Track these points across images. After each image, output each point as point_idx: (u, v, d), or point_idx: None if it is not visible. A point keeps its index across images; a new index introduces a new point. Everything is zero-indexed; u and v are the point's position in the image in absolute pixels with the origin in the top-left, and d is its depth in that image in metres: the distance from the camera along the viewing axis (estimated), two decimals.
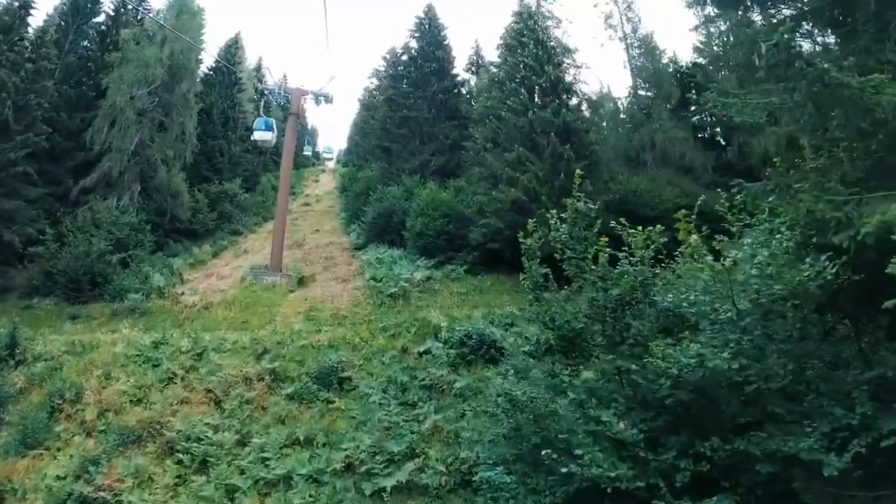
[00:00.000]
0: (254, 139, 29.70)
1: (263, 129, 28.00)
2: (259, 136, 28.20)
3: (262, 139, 28.46)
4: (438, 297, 22.69)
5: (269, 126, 28.34)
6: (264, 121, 28.63)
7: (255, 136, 28.66)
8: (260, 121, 28.66)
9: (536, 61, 25.87)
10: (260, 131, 28.02)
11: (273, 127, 28.70)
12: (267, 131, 28.03)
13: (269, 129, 28.23)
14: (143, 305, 23.36)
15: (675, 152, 32.32)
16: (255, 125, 28.66)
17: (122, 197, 30.45)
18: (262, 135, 28.09)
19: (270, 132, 28.26)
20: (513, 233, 24.86)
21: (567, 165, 23.54)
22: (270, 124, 28.58)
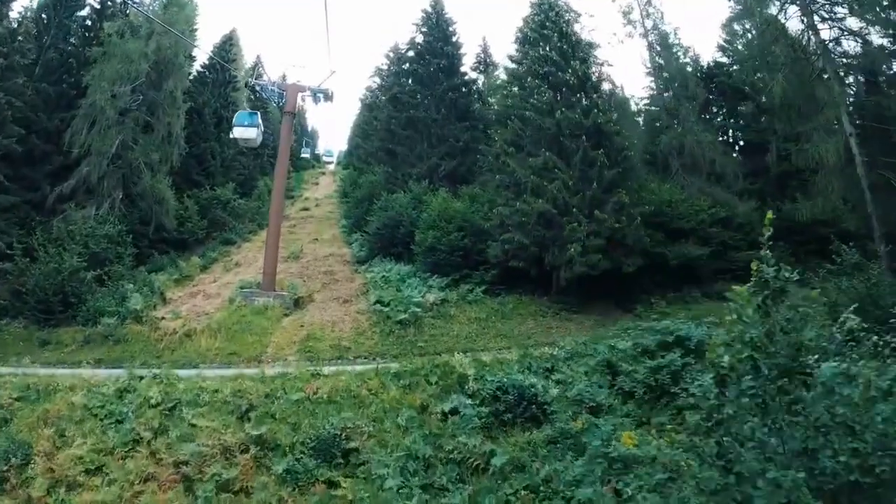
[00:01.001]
0: (234, 136, 24.05)
1: (245, 123, 23.19)
2: (239, 133, 23.23)
3: (243, 136, 23.36)
4: (455, 324, 19.39)
5: (252, 121, 23.32)
6: (246, 114, 23.89)
7: (234, 133, 23.53)
8: (241, 115, 23.98)
9: (561, 55, 22.50)
10: (241, 127, 23.17)
11: (258, 122, 23.61)
12: (250, 127, 23.06)
13: (253, 124, 23.21)
14: (119, 331, 20.11)
15: (704, 158, 28.98)
16: (235, 119, 23.83)
17: (101, 205, 26.91)
18: (243, 131, 23.15)
19: (254, 128, 23.23)
20: (539, 250, 21.62)
21: (599, 172, 20.27)
22: (254, 119, 23.53)
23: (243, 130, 23.01)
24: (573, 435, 11.75)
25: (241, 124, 23.11)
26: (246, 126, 23.00)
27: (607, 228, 19.88)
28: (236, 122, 23.46)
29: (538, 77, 21.99)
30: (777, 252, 23.00)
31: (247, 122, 23.17)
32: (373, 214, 28.12)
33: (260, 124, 23.94)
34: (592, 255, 19.38)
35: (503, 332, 19.36)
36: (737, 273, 24.71)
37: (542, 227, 19.62)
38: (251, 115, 23.82)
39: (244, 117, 23.49)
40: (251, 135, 23.18)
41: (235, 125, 23.37)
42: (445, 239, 21.59)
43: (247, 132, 22.94)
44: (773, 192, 29.02)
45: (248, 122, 23.18)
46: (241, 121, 23.29)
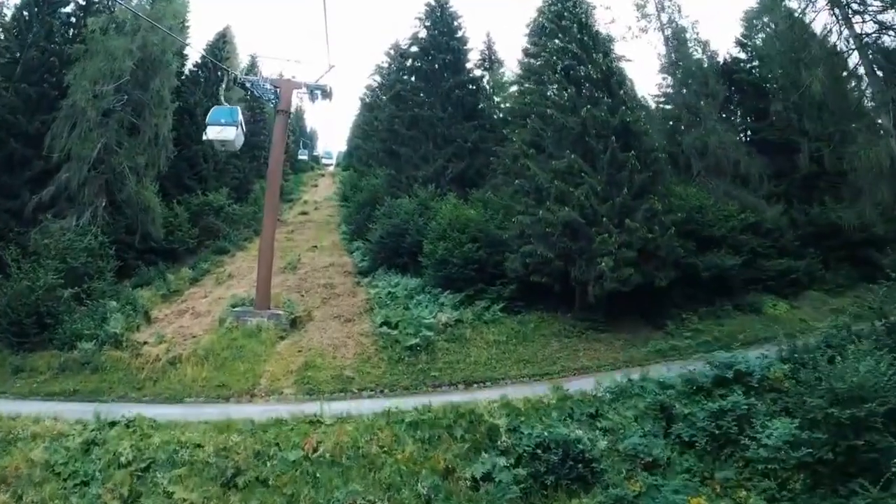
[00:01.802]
0: (207, 138, 18.80)
1: (222, 122, 18.42)
2: (215, 134, 18.42)
3: (219, 138, 18.56)
4: (471, 348, 17.05)
5: (230, 118, 18.54)
6: (224, 111, 18.90)
7: (208, 134, 18.58)
8: (217, 111, 18.92)
9: (582, 48, 20.04)
10: (216, 126, 18.35)
11: (238, 119, 18.76)
12: (227, 126, 18.29)
13: (232, 121, 18.45)
14: (97, 358, 17.98)
15: (728, 159, 26.62)
16: (209, 117, 18.69)
17: (82, 214, 24.44)
18: (219, 131, 18.36)
19: (233, 127, 18.42)
20: (564, 264, 18.52)
21: (630, 177, 17.89)
22: (233, 116, 18.72)
23: (220, 130, 18.27)
24: (630, 501, 9.42)
25: (217, 122, 18.31)
26: (223, 125, 18.32)
27: (639, 239, 17.52)
28: (210, 121, 18.37)
29: (557, 71, 19.54)
30: (808, 260, 19.51)
31: (224, 119, 18.40)
32: (375, 221, 25.71)
33: (240, 122, 19.12)
34: (624, 270, 17.02)
35: (525, 357, 17.01)
36: (767, 283, 22.62)
37: (568, 238, 17.21)
38: (230, 111, 19.13)
39: (221, 114, 18.67)
40: (229, 135, 18.46)
41: (209, 124, 18.29)
42: (458, 251, 19.17)
43: (224, 132, 18.25)
44: (799, 195, 26.83)
45: (225, 119, 18.44)
46: (216, 118, 18.39)
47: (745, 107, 31.88)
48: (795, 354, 15.50)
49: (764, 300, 21.75)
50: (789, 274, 22.67)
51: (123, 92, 26.38)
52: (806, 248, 24.20)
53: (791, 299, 22.41)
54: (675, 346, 18.70)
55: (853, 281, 22.96)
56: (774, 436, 11.37)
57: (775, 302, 21.90)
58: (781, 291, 22.58)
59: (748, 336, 19.42)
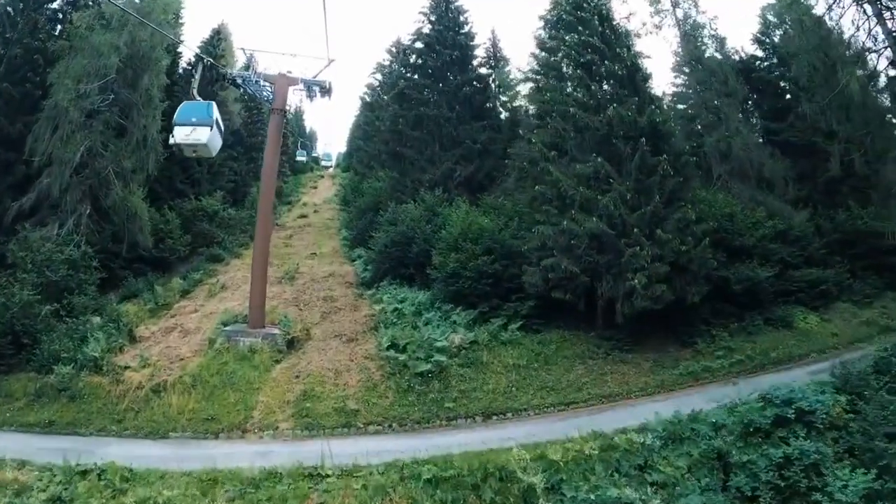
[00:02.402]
0: (175, 142, 14.70)
1: (193, 121, 14.39)
2: (182, 137, 14.41)
3: (188, 141, 14.42)
4: (488, 374, 15.27)
5: (202, 116, 14.43)
6: (194, 107, 14.81)
7: (175, 137, 14.62)
8: (186, 107, 14.90)
9: (604, 41, 18.20)
10: (185, 126, 14.40)
11: (213, 117, 14.67)
12: (200, 126, 14.26)
13: (205, 120, 14.39)
14: (75, 384, 16.22)
15: (751, 163, 24.86)
16: (177, 115, 14.79)
17: (65, 222, 22.55)
18: (188, 133, 14.30)
19: (205, 127, 14.31)
20: (590, 279, 16.17)
21: (661, 182, 16.04)
22: (206, 113, 14.63)
23: (189, 132, 14.16)
24: None
25: (186, 122, 14.29)
26: (194, 125, 14.24)
27: (671, 252, 15.72)
28: (178, 120, 14.37)
29: (579, 66, 17.71)
30: (835, 269, 16.23)
31: (195, 118, 14.32)
32: (378, 228, 23.90)
33: (216, 121, 14.98)
34: (656, 286, 15.22)
35: (548, 384, 15.23)
36: (798, 295, 20.91)
37: (596, 251, 15.40)
38: (203, 108, 14.85)
39: (191, 111, 14.54)
40: (201, 137, 14.23)
41: (177, 124, 14.35)
42: (472, 264, 17.35)
43: (195, 134, 14.13)
44: (822, 200, 25.12)
45: (197, 118, 14.35)
46: (185, 117, 14.38)
47: (764, 107, 29.99)
48: (849, 383, 13.97)
49: (794, 313, 20.15)
50: (819, 285, 21.13)
51: (110, 91, 24.48)
52: (832, 256, 22.57)
53: (821, 311, 20.88)
54: (708, 367, 17.12)
55: (879, 290, 21.85)
56: (850, 489, 9.68)
57: (805, 315, 20.42)
58: (811, 303, 21.03)
59: (781, 354, 17.94)
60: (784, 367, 17.35)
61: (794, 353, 18.20)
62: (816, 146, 26.04)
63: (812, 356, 18.04)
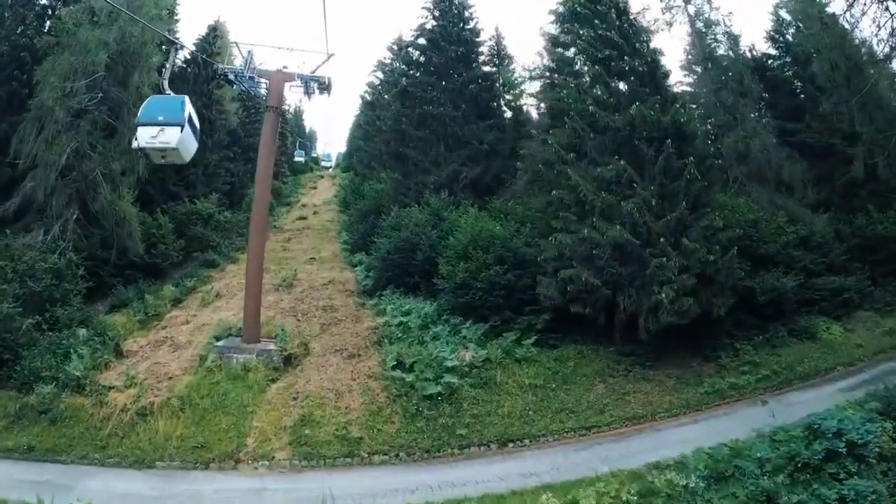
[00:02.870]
0: (139, 146, 11.52)
1: (160, 119, 11.44)
2: (147, 139, 11.33)
3: (153, 144, 11.42)
4: (503, 396, 14.04)
5: (171, 114, 11.50)
6: (161, 103, 11.86)
7: (138, 139, 11.41)
8: (152, 104, 11.84)
9: (622, 36, 16.92)
10: (149, 127, 11.38)
11: (183, 115, 11.63)
12: (168, 126, 11.35)
13: (173, 119, 11.46)
14: (56, 405, 14.80)
15: (769, 165, 23.64)
16: (141, 113, 11.62)
17: (51, 228, 21.17)
18: (153, 135, 11.34)
19: (174, 128, 11.35)
20: (612, 292, 14.35)
21: (687, 187, 14.76)
22: (175, 110, 11.59)
23: (155, 133, 11.20)
24: None
25: (151, 121, 11.29)
26: (161, 124, 11.25)
27: (698, 262, 14.46)
28: (142, 119, 11.38)
29: (596, 62, 16.42)
30: (856, 276, 14.05)
31: (163, 116, 11.37)
32: (380, 233, 22.58)
33: (190, 118, 11.99)
34: (684, 300, 13.97)
35: (567, 406, 13.98)
36: (821, 304, 19.72)
37: (619, 262, 14.13)
38: (172, 103, 11.83)
39: (158, 108, 11.63)
40: (169, 140, 11.25)
41: (141, 124, 11.33)
42: (483, 274, 16.05)
43: (163, 136, 11.19)
44: (840, 203, 23.96)
45: (165, 116, 11.39)
46: (150, 115, 11.42)
47: (778, 107, 28.72)
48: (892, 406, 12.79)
49: (817, 323, 19.05)
50: (841, 293, 20.06)
51: (98, 89, 23.08)
52: (852, 262, 21.48)
53: (843, 321, 19.80)
54: (734, 384, 15.97)
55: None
56: None
57: (828, 324, 19.36)
58: (833, 312, 19.95)
59: (807, 367, 16.87)
60: (811, 383, 16.30)
61: (819, 367, 17.13)
62: (834, 148, 24.92)
63: (838, 370, 17.01)
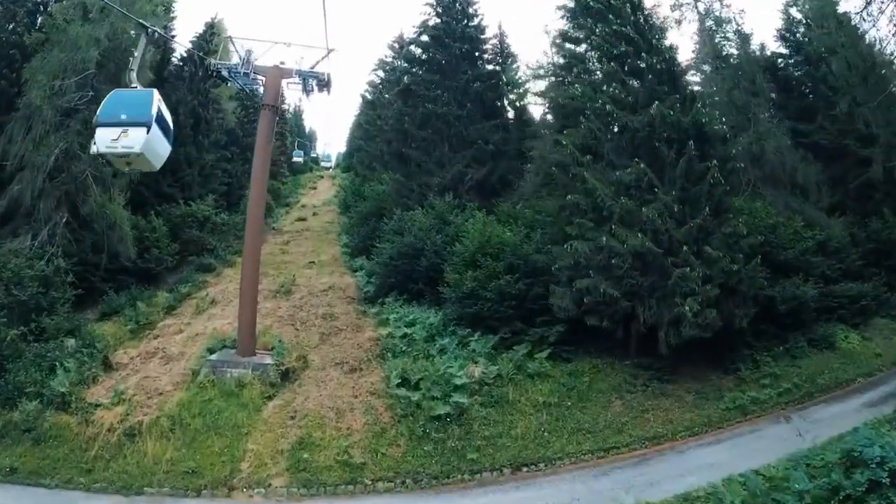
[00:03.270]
0: (97, 150, 9.22)
1: (122, 119, 9.26)
2: (107, 143, 9.16)
3: (114, 149, 9.21)
4: (516, 415, 13.09)
5: (136, 112, 9.31)
6: (125, 98, 9.69)
7: (97, 143, 9.19)
8: (114, 100, 9.65)
9: (638, 32, 15.93)
10: (109, 128, 9.20)
11: (150, 113, 9.42)
12: (132, 127, 9.18)
13: (137, 118, 9.24)
14: (41, 423, 13.74)
15: (784, 167, 22.74)
16: (101, 111, 9.44)
17: (39, 232, 20.13)
18: (114, 137, 9.17)
19: (140, 128, 9.12)
20: (631, 303, 12.99)
21: (709, 192, 13.78)
22: (141, 107, 9.44)
23: (117, 136, 9.18)
24: None
25: (112, 121, 9.30)
26: (124, 124, 9.23)
27: (721, 271, 13.50)
28: (102, 117, 9.34)
29: (611, 58, 15.42)
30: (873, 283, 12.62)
31: (126, 114, 9.33)
32: (383, 237, 21.60)
33: (161, 116, 9.93)
34: (707, 311, 13.01)
35: (584, 425, 13.02)
36: (839, 312, 18.83)
37: (639, 271, 13.15)
38: (137, 98, 9.79)
39: (120, 105, 9.51)
40: (133, 144, 9.16)
41: (100, 124, 9.28)
42: (493, 283, 15.05)
43: (126, 139, 9.14)
44: (854, 207, 23.12)
45: (128, 114, 9.34)
46: (111, 113, 9.40)
47: (789, 107, 27.79)
48: None
49: (836, 331, 18.26)
50: (859, 300, 19.29)
51: (89, 87, 21.99)
52: (867, 267, 20.67)
53: (861, 329, 19.04)
54: (755, 398, 15.14)
55: None
56: None
57: (846, 333, 18.66)
58: (851, 320, 19.20)
59: (828, 379, 16.07)
60: (833, 396, 15.52)
61: (840, 378, 16.32)
62: (847, 149, 24.05)
63: (858, 381, 16.30)
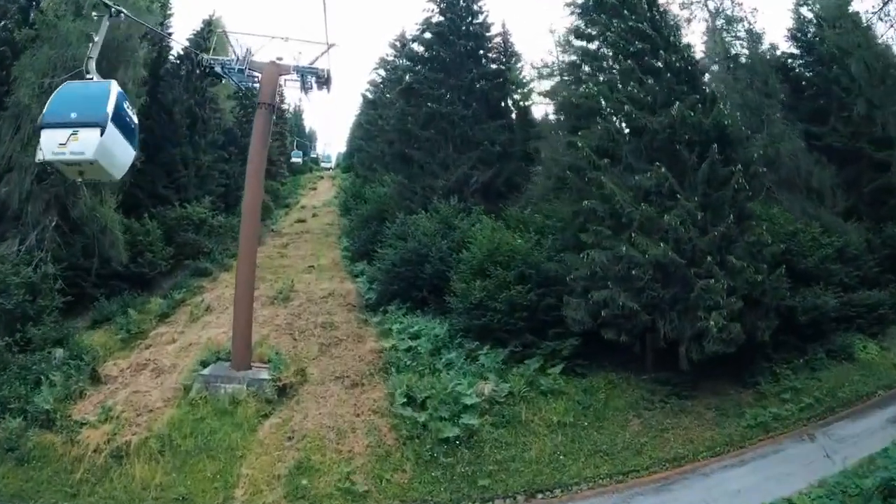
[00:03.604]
0: (43, 158, 7.37)
1: (74, 118, 7.39)
2: (53, 148, 7.30)
3: (62, 156, 7.35)
4: (529, 437, 12.23)
5: (89, 109, 7.38)
6: (74, 92, 7.76)
7: (42, 149, 7.44)
8: (63, 95, 7.73)
9: (655, 29, 15.04)
10: (56, 130, 7.36)
11: (105, 110, 7.47)
12: (85, 128, 7.34)
13: (90, 117, 7.33)
14: (24, 442, 12.85)
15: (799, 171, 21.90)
16: (48, 109, 7.52)
17: (27, 236, 19.21)
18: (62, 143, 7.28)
19: (92, 130, 7.23)
20: (651, 317, 11.71)
21: (734, 198, 12.88)
22: (94, 102, 7.48)
23: (65, 140, 7.32)
24: None
25: (61, 120, 7.47)
26: (73, 124, 7.39)
27: (745, 283, 12.63)
28: (48, 117, 7.50)
29: (628, 56, 14.53)
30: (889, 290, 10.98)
31: (76, 113, 7.45)
32: (385, 241, 20.68)
33: (120, 113, 7.93)
34: (732, 325, 12.14)
35: (601, 447, 12.16)
36: (858, 322, 18.01)
37: (661, 283, 12.27)
38: (95, 91, 7.84)
39: (71, 99, 7.66)
40: (84, 149, 7.33)
41: (45, 125, 7.48)
42: (504, 294, 14.15)
43: (76, 143, 7.30)
44: (868, 212, 22.29)
45: (78, 113, 7.45)
46: (60, 110, 7.58)
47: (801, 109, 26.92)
48: None
49: (854, 342, 17.42)
50: (877, 308, 18.42)
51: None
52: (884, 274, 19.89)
53: (879, 338, 18.22)
54: (777, 414, 14.39)
55: None
56: None
57: (864, 343, 17.81)
58: (869, 329, 18.34)
59: (848, 392, 15.30)
60: (856, 411, 14.76)
61: (860, 391, 15.52)
62: (861, 152, 23.23)
63: (879, 394, 15.56)
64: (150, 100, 26.87)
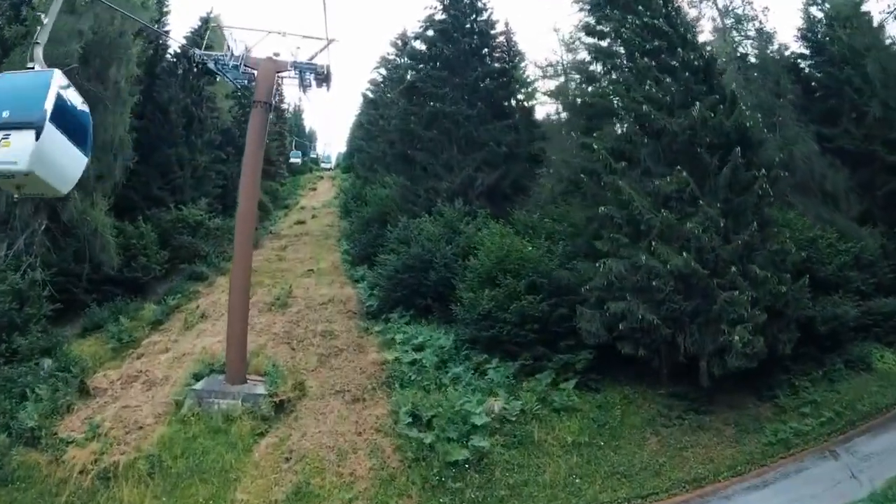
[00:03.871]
0: None
1: (6, 118, 5.20)
2: None
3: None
4: (543, 459, 11.48)
5: (24, 105, 5.25)
6: (11, 84, 5.60)
7: None
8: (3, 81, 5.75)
9: (671, 26, 14.27)
10: None
11: (42, 108, 5.24)
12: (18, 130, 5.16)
13: (25, 116, 5.21)
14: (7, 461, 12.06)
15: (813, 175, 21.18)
16: None
17: (15, 241, 18.41)
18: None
19: (26, 132, 5.13)
20: (672, 331, 10.60)
21: (757, 204, 12.14)
22: (31, 97, 5.28)
23: None
24: None
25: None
26: (4, 124, 5.19)
27: (769, 294, 11.90)
28: None
29: (644, 54, 13.76)
30: None
31: (9, 110, 5.23)
32: (387, 246, 19.92)
33: (63, 110, 5.60)
34: (755, 339, 11.41)
35: (618, 468, 11.42)
36: (875, 331, 17.33)
37: (683, 295, 11.53)
38: (33, 83, 5.57)
39: (3, 92, 5.44)
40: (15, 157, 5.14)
41: None
42: (514, 305, 13.37)
43: (7, 150, 5.11)
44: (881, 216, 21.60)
45: (11, 109, 5.24)
46: None
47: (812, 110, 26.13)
48: None
49: (871, 351, 16.73)
50: (894, 316, 17.75)
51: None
52: None
53: (894, 347, 17.43)
54: (798, 430, 13.64)
55: None
56: None
57: (881, 352, 17.04)
58: (885, 338, 17.65)
59: (868, 405, 14.53)
60: (875, 424, 14.04)
61: (879, 404, 14.77)
62: (875, 155, 22.51)
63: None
64: (144, 99, 26.15)
